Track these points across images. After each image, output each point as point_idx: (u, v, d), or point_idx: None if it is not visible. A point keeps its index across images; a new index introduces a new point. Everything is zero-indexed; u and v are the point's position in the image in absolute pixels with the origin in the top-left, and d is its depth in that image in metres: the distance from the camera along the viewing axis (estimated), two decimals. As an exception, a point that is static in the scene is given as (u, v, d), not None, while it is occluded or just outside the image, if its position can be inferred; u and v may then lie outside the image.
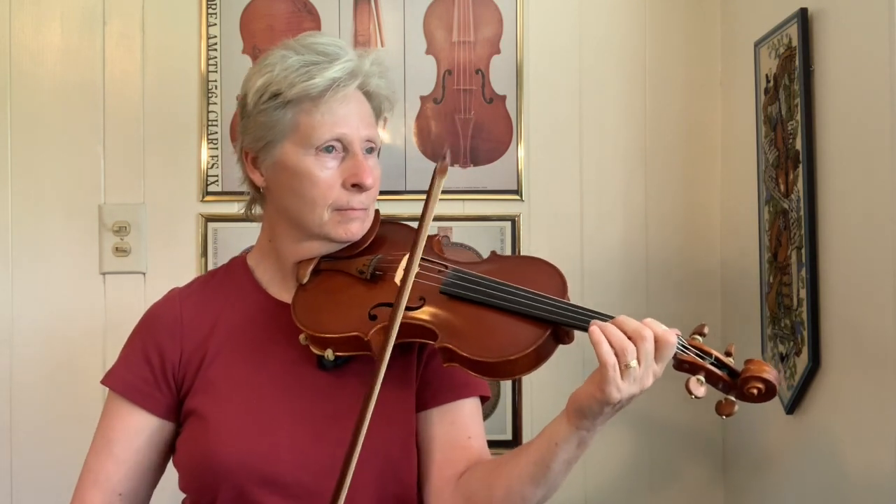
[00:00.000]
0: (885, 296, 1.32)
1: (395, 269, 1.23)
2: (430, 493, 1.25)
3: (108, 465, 1.26)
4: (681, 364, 1.08)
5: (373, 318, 1.18)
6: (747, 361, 1.09)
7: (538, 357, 1.10)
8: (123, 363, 1.31)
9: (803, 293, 1.56)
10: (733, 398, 1.08)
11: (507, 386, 2.03)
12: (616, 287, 2.05)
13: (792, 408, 1.62)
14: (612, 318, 1.08)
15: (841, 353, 1.47)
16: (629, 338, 1.04)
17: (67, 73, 2.00)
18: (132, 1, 2.01)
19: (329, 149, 1.23)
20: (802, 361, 1.56)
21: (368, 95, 1.29)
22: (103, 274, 2.00)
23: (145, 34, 2.01)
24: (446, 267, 1.21)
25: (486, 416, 1.53)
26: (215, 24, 2.02)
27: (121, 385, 1.28)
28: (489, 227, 2.03)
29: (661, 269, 2.05)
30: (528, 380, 2.03)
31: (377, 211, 1.33)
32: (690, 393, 1.06)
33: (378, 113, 1.32)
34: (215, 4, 2.02)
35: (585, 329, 1.08)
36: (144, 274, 2.00)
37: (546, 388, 2.03)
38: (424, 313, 1.16)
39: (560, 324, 1.12)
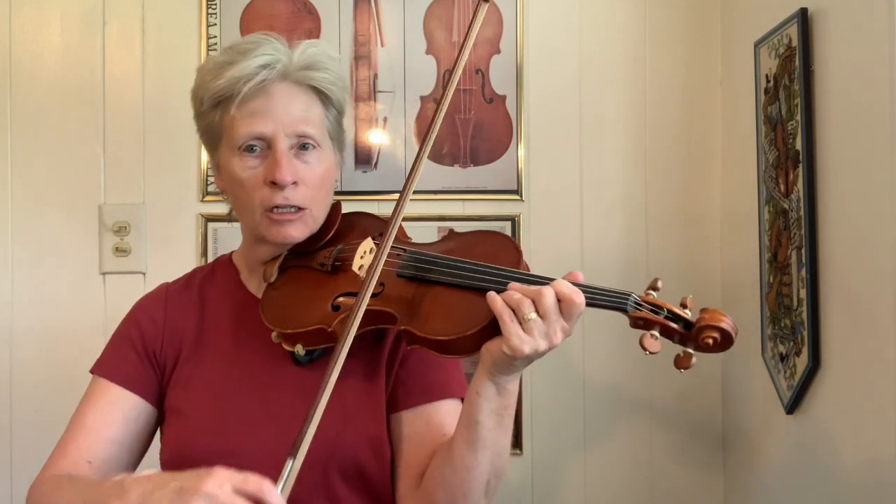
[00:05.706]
0: (885, 296, 1.32)
1: (353, 258, 1.21)
2: (400, 494, 1.23)
3: (78, 435, 1.23)
4: (635, 321, 1.07)
5: (335, 308, 1.17)
6: (702, 310, 1.07)
7: (496, 331, 1.07)
8: (109, 349, 1.31)
9: (803, 293, 1.56)
10: (691, 350, 1.06)
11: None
12: (616, 286, 2.04)
13: (792, 408, 1.62)
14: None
15: (841, 353, 1.47)
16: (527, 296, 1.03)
17: (67, 73, 2.00)
18: (132, 1, 2.01)
19: (251, 148, 1.20)
20: (802, 361, 1.56)
21: (310, 88, 1.24)
22: (103, 274, 2.00)
23: (145, 34, 2.02)
24: (404, 250, 1.20)
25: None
26: (215, 24, 2.01)
27: (103, 368, 1.28)
28: (489, 227, 2.02)
29: (661, 269, 2.05)
30: (527, 390, 2.03)
31: (338, 203, 1.30)
32: (645, 349, 1.04)
33: (328, 104, 1.26)
34: (215, 4, 2.02)
35: None
36: (144, 274, 2.00)
37: (546, 399, 2.04)
38: (383, 298, 1.15)
39: None
